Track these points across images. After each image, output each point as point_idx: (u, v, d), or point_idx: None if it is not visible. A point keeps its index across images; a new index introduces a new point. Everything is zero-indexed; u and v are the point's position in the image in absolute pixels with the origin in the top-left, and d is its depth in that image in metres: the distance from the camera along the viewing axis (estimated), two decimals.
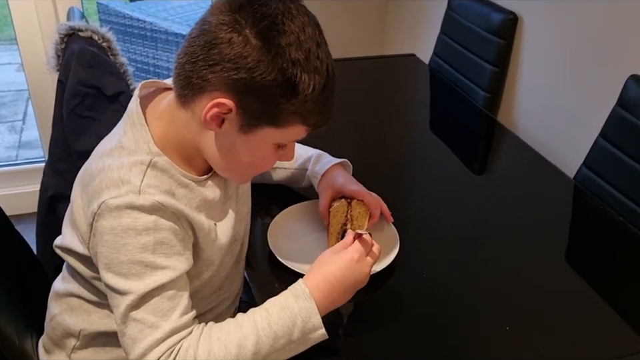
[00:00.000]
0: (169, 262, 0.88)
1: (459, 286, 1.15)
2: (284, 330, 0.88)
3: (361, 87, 2.05)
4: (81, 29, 1.42)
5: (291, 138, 0.94)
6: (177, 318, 0.87)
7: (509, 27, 1.96)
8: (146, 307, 0.86)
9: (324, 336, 0.91)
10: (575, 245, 1.29)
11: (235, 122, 0.88)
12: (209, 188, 0.97)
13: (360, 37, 2.82)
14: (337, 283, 0.93)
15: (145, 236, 0.86)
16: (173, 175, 0.92)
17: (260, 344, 0.87)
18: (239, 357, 0.86)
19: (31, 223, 1.51)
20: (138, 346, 0.86)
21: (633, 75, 1.47)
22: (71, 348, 1.05)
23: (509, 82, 2.05)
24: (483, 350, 1.02)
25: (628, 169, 1.42)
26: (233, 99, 0.85)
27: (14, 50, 3.96)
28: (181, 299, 0.89)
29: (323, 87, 0.86)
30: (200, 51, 0.85)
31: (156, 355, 0.85)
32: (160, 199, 0.87)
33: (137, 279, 0.86)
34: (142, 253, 0.86)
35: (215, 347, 0.86)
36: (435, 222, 1.34)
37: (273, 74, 0.83)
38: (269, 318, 0.89)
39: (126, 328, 0.87)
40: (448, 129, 1.79)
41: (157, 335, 0.85)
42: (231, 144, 0.91)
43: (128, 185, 0.87)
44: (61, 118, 1.41)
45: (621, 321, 1.08)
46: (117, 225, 0.86)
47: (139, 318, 0.86)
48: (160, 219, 0.87)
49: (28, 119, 3.49)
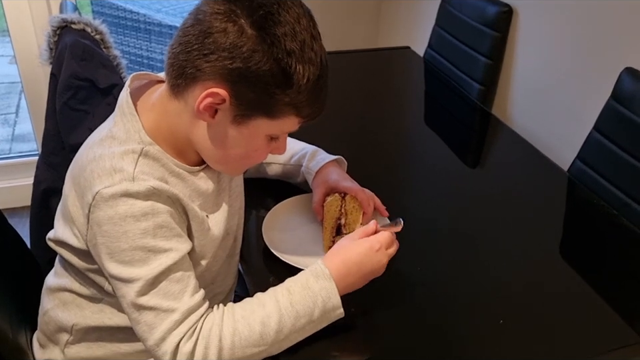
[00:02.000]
0: (171, 244, 0.88)
1: (453, 279, 1.15)
2: (305, 309, 0.91)
3: (355, 79, 2.04)
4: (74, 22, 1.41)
5: (284, 129, 0.93)
6: (189, 298, 0.88)
7: (504, 20, 1.96)
8: (157, 292, 0.86)
9: (341, 314, 0.94)
10: (568, 238, 1.30)
11: (229, 112, 0.88)
12: (201, 179, 0.97)
13: (355, 29, 2.81)
14: (354, 267, 0.96)
15: (144, 221, 0.86)
16: (165, 163, 0.92)
17: (283, 322, 0.89)
18: (262, 335, 0.88)
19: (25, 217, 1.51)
20: (156, 331, 0.86)
21: (627, 68, 1.47)
22: (64, 343, 1.05)
23: (503, 75, 2.05)
24: (477, 343, 1.02)
25: (622, 162, 1.43)
26: (227, 88, 0.85)
27: (6, 42, 3.93)
28: (189, 280, 0.90)
29: (317, 78, 0.86)
30: (194, 41, 0.84)
31: (177, 337, 0.86)
32: (154, 184, 0.87)
33: (141, 264, 0.86)
34: (143, 239, 0.86)
35: (240, 326, 0.88)
36: (429, 215, 1.34)
37: (268, 64, 0.83)
38: (291, 297, 0.91)
39: (140, 316, 0.87)
40: (442, 122, 1.79)
41: (175, 317, 0.86)
42: (223, 135, 0.91)
43: (121, 173, 0.86)
44: (54, 111, 1.40)
45: (614, 314, 1.08)
46: (114, 214, 0.85)
47: (151, 304, 0.86)
48: (156, 203, 0.87)
49: (21, 111, 3.47)
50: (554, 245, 1.27)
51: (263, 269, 1.13)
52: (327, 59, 0.89)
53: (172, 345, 0.85)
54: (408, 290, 1.12)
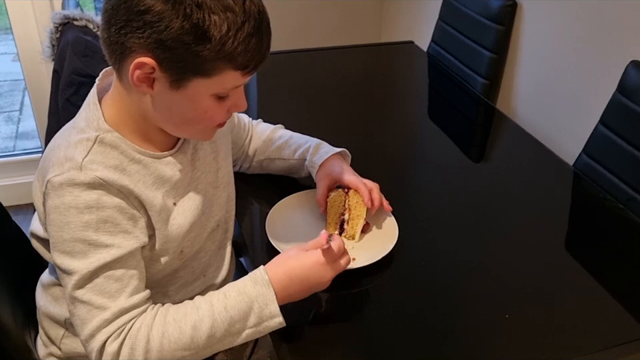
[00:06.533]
0: (114, 240, 0.87)
1: (458, 273, 1.15)
2: (240, 314, 0.88)
3: (358, 74, 2.03)
4: (76, 18, 1.41)
5: (227, 85, 0.88)
6: (125, 299, 0.86)
7: (508, 13, 1.95)
8: (92, 288, 0.85)
9: (281, 324, 0.91)
10: (574, 232, 1.29)
11: (164, 80, 0.85)
12: (168, 165, 0.95)
13: (358, 24, 2.80)
14: (297, 279, 0.93)
15: (87, 214, 0.85)
16: (123, 150, 0.90)
17: (215, 327, 0.87)
18: (193, 339, 0.86)
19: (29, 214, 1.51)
20: (86, 327, 0.85)
21: (633, 61, 1.46)
22: (60, 338, 1.05)
23: (507, 69, 2.04)
24: (483, 337, 1.02)
25: (628, 156, 1.42)
26: (152, 56, 0.82)
27: (9, 40, 3.93)
28: (130, 279, 0.88)
29: (241, 24, 0.82)
30: (111, 17, 0.83)
31: (104, 336, 0.84)
32: (103, 175, 0.86)
33: (80, 257, 0.85)
34: (84, 231, 0.85)
35: (170, 328, 0.86)
36: (434, 210, 1.33)
37: (178, 22, 0.79)
38: (226, 302, 0.89)
39: (75, 309, 0.86)
40: (446, 116, 1.78)
41: (105, 315, 0.85)
42: (169, 102, 0.88)
43: (70, 162, 0.86)
44: (57, 108, 1.40)
45: (620, 308, 1.07)
46: (60, 204, 0.85)
47: (85, 299, 0.85)
48: (103, 196, 0.86)
49: (25, 109, 3.47)
50: (560, 239, 1.26)
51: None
52: (259, 3, 0.84)
53: (99, 343, 0.84)
54: (413, 284, 1.12)
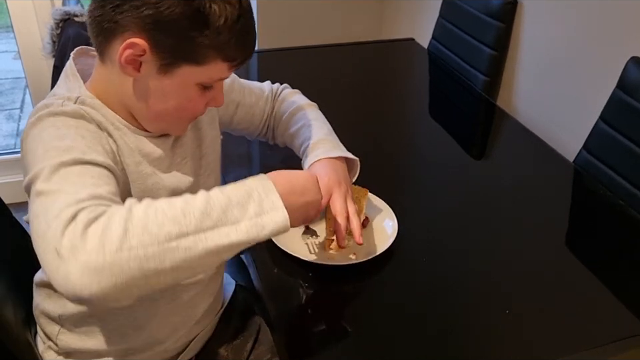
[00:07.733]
0: (90, 152, 0.79)
1: (460, 270, 1.15)
2: (239, 198, 0.76)
3: (359, 71, 2.03)
4: (77, 14, 1.41)
5: (214, 76, 0.89)
6: (102, 189, 0.75)
7: (509, 10, 1.95)
8: (63, 175, 0.74)
9: (285, 220, 0.78)
10: (574, 228, 1.29)
11: (153, 63, 0.84)
12: (147, 144, 0.93)
13: (358, 21, 2.80)
14: (299, 189, 0.86)
15: (64, 129, 0.81)
16: (104, 113, 0.88)
17: (211, 204, 0.74)
18: (184, 212, 0.72)
19: None
20: (50, 211, 0.70)
21: (633, 57, 1.46)
22: (55, 334, 1.05)
23: (508, 66, 2.04)
24: (483, 333, 1.02)
25: (628, 152, 1.42)
26: (145, 38, 0.82)
27: (10, 38, 3.94)
28: (106, 185, 0.77)
29: (237, 18, 0.83)
30: None
31: (74, 209, 0.69)
32: (83, 107, 0.84)
33: (51, 158, 0.76)
34: (60, 140, 0.79)
35: (158, 202, 0.73)
36: (435, 206, 1.33)
37: (180, 6, 0.80)
38: (222, 189, 0.78)
39: (37, 206, 0.72)
40: (447, 114, 1.78)
41: (79, 195, 0.72)
42: (153, 88, 0.87)
43: (51, 106, 0.84)
44: None
45: (620, 304, 1.08)
46: (38, 132, 0.81)
47: (54, 188, 0.73)
48: (83, 124, 0.83)
49: (26, 107, 3.48)
50: (560, 235, 1.27)
51: (267, 261, 1.13)
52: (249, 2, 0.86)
53: (67, 215, 0.68)
54: (414, 281, 1.12)
